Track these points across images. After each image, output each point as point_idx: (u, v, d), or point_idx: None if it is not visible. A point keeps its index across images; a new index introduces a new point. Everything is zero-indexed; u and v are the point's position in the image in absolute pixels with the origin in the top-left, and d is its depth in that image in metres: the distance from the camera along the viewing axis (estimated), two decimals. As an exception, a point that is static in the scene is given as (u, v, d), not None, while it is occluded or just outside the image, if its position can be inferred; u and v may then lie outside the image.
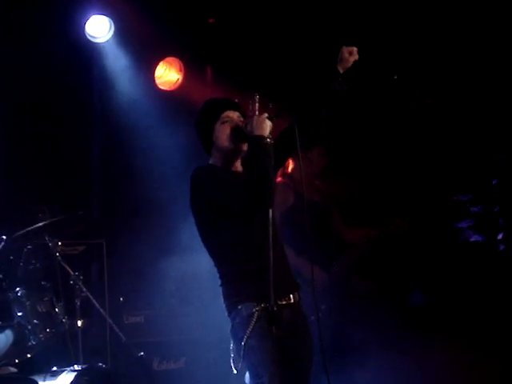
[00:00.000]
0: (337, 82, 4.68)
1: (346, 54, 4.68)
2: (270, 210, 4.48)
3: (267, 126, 4.49)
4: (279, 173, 6.40)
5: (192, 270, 7.17)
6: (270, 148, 4.46)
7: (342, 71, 4.67)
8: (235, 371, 4.49)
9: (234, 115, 4.70)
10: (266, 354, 4.40)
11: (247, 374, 4.47)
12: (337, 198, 6.97)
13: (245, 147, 4.60)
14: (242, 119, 4.69)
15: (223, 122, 4.68)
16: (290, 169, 6.52)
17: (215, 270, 4.68)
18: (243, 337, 4.42)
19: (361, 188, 7.55)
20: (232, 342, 4.53)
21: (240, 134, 4.60)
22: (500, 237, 7.02)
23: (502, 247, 7.00)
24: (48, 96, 7.28)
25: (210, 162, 4.74)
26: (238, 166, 4.71)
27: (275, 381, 4.35)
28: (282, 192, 6.30)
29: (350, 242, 6.61)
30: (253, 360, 4.40)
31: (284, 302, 4.55)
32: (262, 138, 4.46)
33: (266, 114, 4.53)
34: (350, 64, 4.69)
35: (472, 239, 7.22)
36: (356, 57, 4.69)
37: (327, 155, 6.75)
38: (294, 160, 6.43)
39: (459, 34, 6.90)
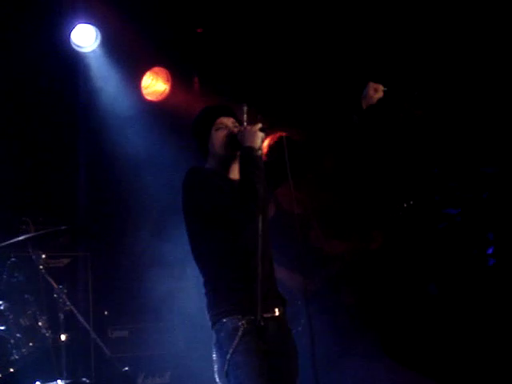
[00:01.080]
0: (357, 117, 4.71)
1: (372, 91, 4.72)
2: (261, 221, 4.46)
3: (259, 138, 4.50)
4: None
5: (177, 284, 7.14)
6: (259, 159, 4.47)
7: (364, 107, 4.72)
8: None
9: (229, 121, 4.70)
10: (251, 371, 4.33)
11: None
12: (318, 209, 6.93)
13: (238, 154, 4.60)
14: (236, 124, 4.69)
15: (217, 129, 4.68)
16: None
17: (201, 282, 4.63)
18: (228, 351, 4.36)
19: (346, 200, 7.52)
20: (215, 355, 4.47)
21: (233, 141, 4.59)
22: (490, 251, 7.00)
23: (492, 261, 6.97)
24: (33, 105, 7.26)
25: (207, 165, 4.73)
26: (236, 173, 4.66)
27: None
28: None
29: (329, 254, 6.57)
30: (238, 376, 4.34)
31: (269, 315, 4.50)
32: (252, 149, 4.47)
33: (260, 125, 4.52)
34: (374, 101, 4.74)
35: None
36: (381, 94, 4.71)
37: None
38: None
39: (448, 45, 6.90)
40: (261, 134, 4.50)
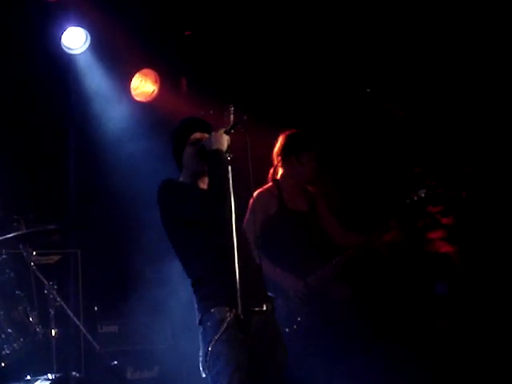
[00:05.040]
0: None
1: None
2: (233, 220, 4.50)
3: (224, 141, 4.60)
4: (269, 177, 6.46)
5: (166, 279, 7.18)
6: (226, 161, 4.57)
7: None
8: (203, 375, 4.52)
9: (203, 137, 4.78)
10: (229, 362, 4.41)
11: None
12: (334, 205, 6.92)
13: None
14: None
15: (191, 145, 4.79)
16: (279, 175, 6.47)
17: (188, 282, 4.74)
18: (211, 341, 4.45)
19: (358, 195, 7.52)
20: (201, 345, 4.56)
21: (202, 152, 4.69)
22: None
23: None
24: (23, 107, 7.32)
25: (180, 179, 4.84)
26: (206, 182, 4.78)
27: None
28: (265, 200, 6.30)
29: (340, 245, 6.53)
30: (216, 365, 4.43)
31: (256, 309, 4.59)
32: (219, 152, 4.57)
33: (223, 129, 4.63)
34: None
35: (442, 250, 7.27)
36: None
37: (316, 160, 6.74)
38: (283, 166, 6.47)
39: (430, 46, 6.98)
40: (226, 137, 4.60)
